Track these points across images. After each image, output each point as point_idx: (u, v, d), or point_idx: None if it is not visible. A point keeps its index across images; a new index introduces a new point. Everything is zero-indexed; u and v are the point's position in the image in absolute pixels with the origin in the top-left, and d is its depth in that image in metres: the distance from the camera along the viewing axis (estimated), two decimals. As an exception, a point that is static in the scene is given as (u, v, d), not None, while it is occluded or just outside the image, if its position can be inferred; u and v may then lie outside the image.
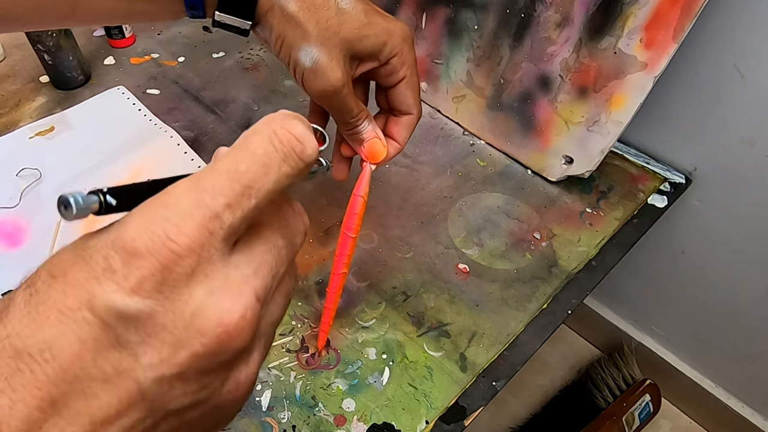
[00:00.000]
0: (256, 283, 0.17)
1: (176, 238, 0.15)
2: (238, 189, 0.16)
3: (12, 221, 0.52)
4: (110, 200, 0.16)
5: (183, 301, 0.15)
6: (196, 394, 0.16)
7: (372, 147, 0.39)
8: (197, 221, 0.15)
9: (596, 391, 0.87)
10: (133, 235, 0.15)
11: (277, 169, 0.17)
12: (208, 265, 0.15)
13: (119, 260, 0.15)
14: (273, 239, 0.18)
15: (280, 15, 0.34)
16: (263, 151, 0.17)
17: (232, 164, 0.16)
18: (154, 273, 0.15)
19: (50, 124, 0.61)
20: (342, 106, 0.36)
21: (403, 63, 0.37)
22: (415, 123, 0.40)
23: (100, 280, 0.15)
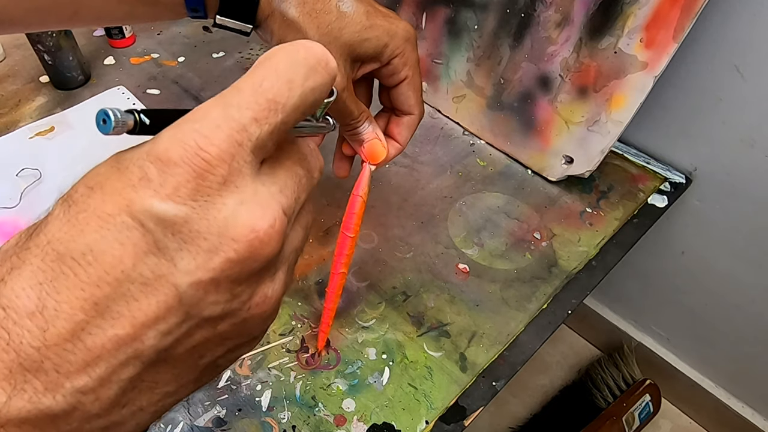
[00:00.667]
0: (282, 199, 0.17)
1: (207, 147, 0.15)
2: (264, 103, 0.16)
3: (12, 221, 0.52)
4: (144, 119, 0.16)
5: (216, 208, 0.15)
6: (228, 303, 0.17)
7: (372, 148, 0.39)
8: (226, 132, 0.16)
9: (596, 391, 0.87)
10: (166, 145, 0.15)
11: (302, 83, 0.17)
12: (238, 176, 0.16)
13: (154, 169, 0.15)
14: (294, 168, 0.19)
15: (280, 20, 0.34)
16: (286, 66, 0.17)
17: (256, 80, 0.17)
18: (189, 180, 0.15)
19: (50, 124, 0.61)
20: (342, 110, 0.36)
21: (405, 63, 0.37)
22: (416, 123, 0.40)
23: (136, 188, 0.15)
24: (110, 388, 0.15)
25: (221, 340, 0.18)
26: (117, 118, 0.15)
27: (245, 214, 0.16)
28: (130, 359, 0.15)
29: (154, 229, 0.15)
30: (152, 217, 0.15)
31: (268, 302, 0.18)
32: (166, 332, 0.16)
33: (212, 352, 0.18)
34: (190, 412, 0.41)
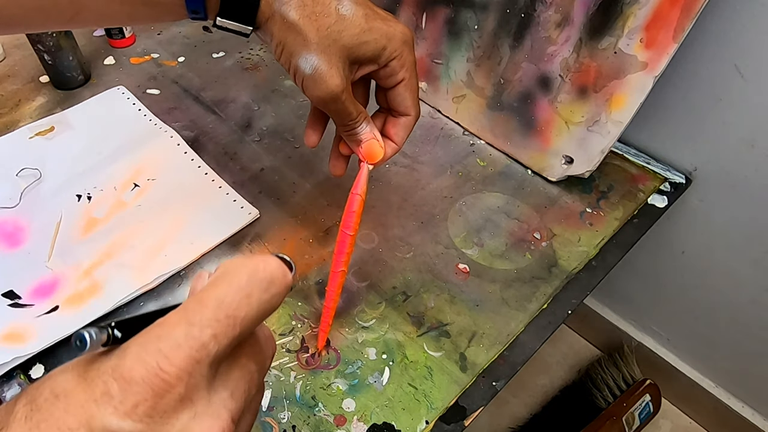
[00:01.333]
0: (232, 405, 0.19)
1: (167, 368, 0.17)
2: (224, 320, 0.18)
3: (12, 221, 0.52)
4: (117, 334, 0.18)
5: (171, 424, 0.17)
6: None
7: (369, 148, 0.39)
8: (185, 352, 0.17)
9: (596, 391, 0.87)
10: (130, 364, 0.17)
11: (259, 297, 0.19)
12: (194, 391, 0.18)
13: (117, 386, 0.16)
14: (248, 366, 0.20)
15: (281, 22, 0.34)
16: (246, 282, 0.19)
17: (219, 296, 0.19)
18: (147, 399, 0.16)
19: (50, 124, 0.61)
20: (341, 111, 0.37)
21: (402, 66, 0.37)
22: (412, 124, 0.41)
23: (98, 403, 0.16)
24: None
25: None
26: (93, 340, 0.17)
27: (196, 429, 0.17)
28: None
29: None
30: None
31: None
32: None
33: None
34: (190, 412, 0.41)
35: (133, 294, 0.46)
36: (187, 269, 0.49)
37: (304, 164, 0.59)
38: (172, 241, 0.50)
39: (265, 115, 0.65)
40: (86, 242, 0.50)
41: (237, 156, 0.60)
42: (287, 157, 0.60)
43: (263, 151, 0.60)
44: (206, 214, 0.53)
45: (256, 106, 0.66)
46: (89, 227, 0.52)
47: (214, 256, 0.50)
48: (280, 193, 0.56)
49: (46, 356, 0.43)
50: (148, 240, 0.50)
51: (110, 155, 0.58)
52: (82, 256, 0.49)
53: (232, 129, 0.63)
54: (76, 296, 0.46)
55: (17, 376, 0.43)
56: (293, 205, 0.55)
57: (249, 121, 0.64)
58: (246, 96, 0.67)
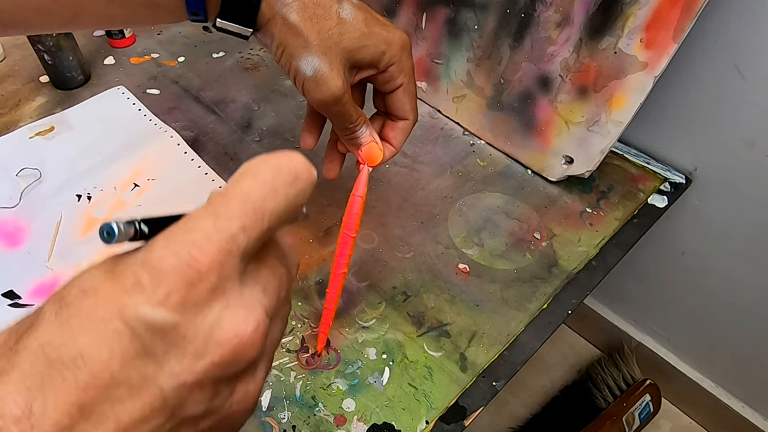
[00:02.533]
0: (264, 300, 0.18)
1: (199, 258, 0.16)
2: (251, 213, 0.17)
3: (12, 221, 0.52)
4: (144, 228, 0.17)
5: (204, 314, 0.16)
6: (210, 402, 0.17)
7: (369, 151, 0.40)
8: (216, 243, 0.16)
9: (596, 391, 0.87)
10: (160, 254, 0.16)
11: (286, 192, 0.18)
12: (226, 281, 0.17)
13: (147, 277, 0.16)
14: (276, 267, 0.20)
15: (281, 24, 0.34)
16: (272, 177, 0.18)
17: (244, 190, 0.18)
18: (180, 288, 0.16)
19: (50, 124, 0.61)
20: (342, 113, 0.37)
21: (401, 71, 0.37)
22: (410, 128, 0.41)
23: (130, 294, 0.16)
24: None
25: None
26: (121, 231, 0.16)
27: (230, 320, 0.17)
28: None
29: (143, 334, 0.16)
30: (143, 323, 0.16)
31: (248, 397, 0.19)
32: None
33: None
34: (190, 412, 0.41)
35: (133, 294, 0.46)
36: (187, 269, 0.49)
37: (304, 164, 0.59)
38: (172, 241, 0.50)
39: (265, 115, 0.65)
40: (86, 242, 0.50)
41: (237, 156, 0.60)
42: (287, 157, 0.60)
43: (263, 151, 0.60)
44: (206, 214, 0.52)
45: (256, 106, 0.66)
46: (89, 227, 0.52)
47: (214, 256, 0.50)
48: (280, 193, 0.56)
49: (46, 356, 0.43)
50: (148, 240, 0.50)
51: (110, 155, 0.58)
52: (82, 256, 0.49)
53: (232, 129, 0.63)
54: (76, 296, 0.46)
55: (17, 376, 0.42)
56: (293, 205, 0.55)
57: (249, 121, 0.64)
58: (246, 96, 0.67)
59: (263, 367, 0.20)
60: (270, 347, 0.20)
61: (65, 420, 0.15)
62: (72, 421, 0.15)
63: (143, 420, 0.16)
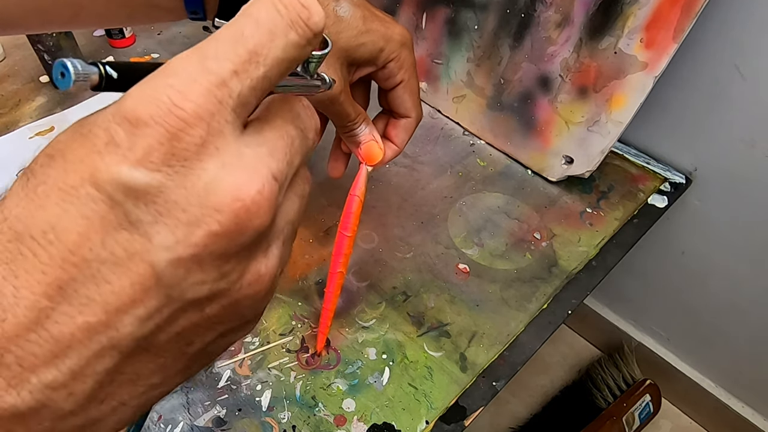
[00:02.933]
0: (271, 163, 0.15)
1: (182, 104, 0.13)
2: (244, 55, 0.15)
3: (12, 221, 0.52)
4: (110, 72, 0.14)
5: (195, 174, 0.14)
6: (215, 283, 0.15)
7: (368, 149, 0.39)
8: (204, 86, 0.14)
9: (596, 391, 0.87)
10: (135, 103, 0.13)
11: (284, 35, 0.15)
12: (218, 137, 0.14)
13: (122, 131, 0.13)
14: (285, 127, 0.17)
15: None
16: (267, 17, 0.15)
17: (235, 30, 0.15)
18: (162, 142, 0.13)
19: (50, 124, 0.61)
20: (339, 112, 0.37)
21: (401, 67, 0.37)
22: (413, 126, 0.41)
23: (102, 154, 0.13)
24: (84, 382, 0.14)
25: (210, 325, 0.16)
26: (77, 71, 0.13)
27: (229, 180, 0.14)
28: (105, 349, 0.14)
29: (123, 200, 0.13)
30: (121, 187, 0.13)
31: (261, 281, 0.16)
32: (145, 317, 0.14)
33: (201, 338, 0.16)
34: (190, 412, 0.41)
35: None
36: (187, 269, 0.49)
37: (304, 164, 0.59)
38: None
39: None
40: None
41: (237, 156, 0.59)
42: (287, 157, 0.60)
43: (263, 151, 0.60)
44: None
45: (256, 106, 0.66)
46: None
47: (214, 256, 0.50)
48: (280, 193, 0.56)
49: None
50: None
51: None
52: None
53: (232, 129, 0.63)
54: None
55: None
56: (293, 205, 0.55)
57: (249, 121, 0.64)
58: (246, 96, 0.67)
59: (277, 247, 0.17)
60: (285, 226, 0.17)
61: (42, 302, 0.13)
62: (51, 302, 0.13)
63: (135, 302, 0.14)
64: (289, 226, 0.17)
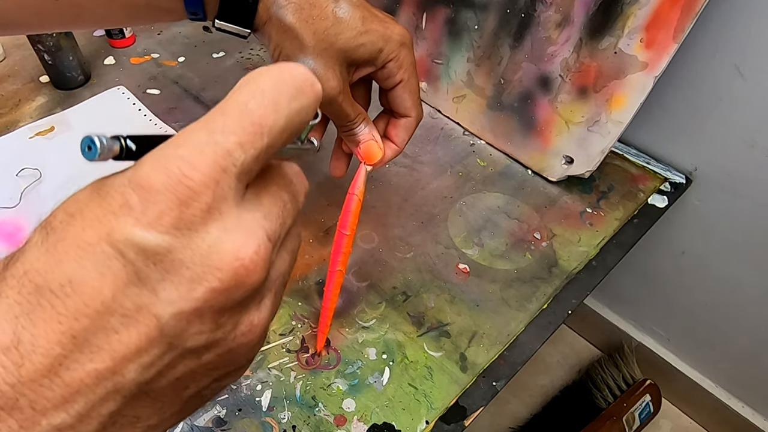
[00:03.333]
0: (266, 225, 0.17)
1: (191, 174, 0.15)
2: (249, 127, 0.16)
3: (12, 221, 0.52)
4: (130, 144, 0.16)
5: (200, 237, 0.15)
6: (212, 333, 0.16)
7: (367, 149, 0.40)
8: (210, 158, 0.15)
9: (596, 391, 0.87)
10: (148, 171, 0.15)
11: (288, 105, 0.17)
12: (222, 202, 0.15)
13: (136, 196, 0.15)
14: (279, 193, 0.18)
15: (278, 26, 0.34)
16: (271, 87, 0.17)
17: (241, 102, 0.16)
18: (172, 208, 0.15)
19: (50, 124, 0.61)
20: (338, 112, 0.37)
21: (400, 67, 0.37)
22: (413, 126, 0.41)
23: (117, 216, 0.15)
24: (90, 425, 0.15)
25: (206, 371, 0.17)
26: (103, 145, 0.15)
27: (229, 242, 0.15)
28: (110, 394, 0.15)
29: (135, 258, 0.15)
30: (133, 247, 0.14)
31: (254, 331, 0.18)
32: (148, 365, 0.15)
33: (197, 383, 0.18)
34: (190, 412, 0.41)
35: (133, 294, 0.46)
36: (187, 269, 0.49)
37: (304, 164, 0.59)
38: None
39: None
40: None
41: (237, 156, 0.59)
42: (287, 157, 0.60)
43: (263, 151, 0.60)
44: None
45: (256, 106, 0.66)
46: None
47: (214, 256, 0.50)
48: (280, 193, 0.56)
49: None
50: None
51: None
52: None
53: (232, 129, 0.63)
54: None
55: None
56: (293, 205, 0.55)
57: (249, 121, 0.64)
58: (246, 96, 0.67)
59: (270, 300, 0.18)
60: (277, 279, 0.19)
61: (56, 349, 0.14)
62: (64, 350, 0.14)
63: (140, 351, 0.15)
64: (280, 278, 0.19)
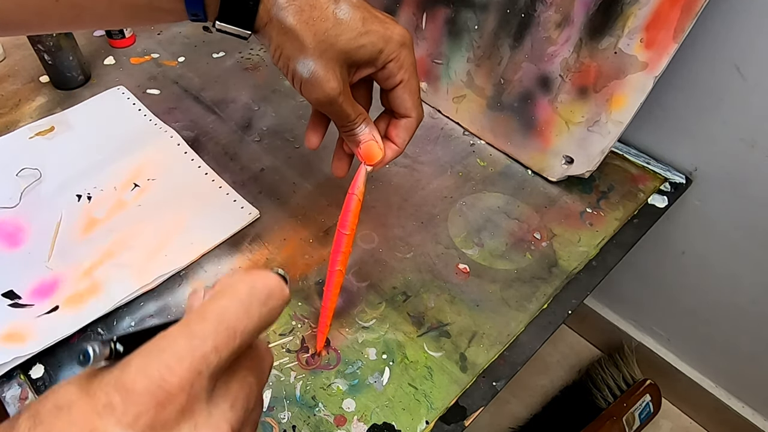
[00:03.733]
0: (231, 417, 0.19)
1: (170, 378, 0.17)
2: (224, 332, 0.19)
3: (12, 221, 0.52)
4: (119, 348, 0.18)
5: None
6: None
7: (368, 149, 0.40)
8: (188, 363, 0.18)
9: (596, 391, 0.87)
10: (133, 376, 0.17)
11: (259, 310, 0.20)
12: (195, 402, 0.18)
13: (119, 398, 0.17)
14: (247, 378, 0.21)
15: (278, 28, 0.34)
16: (246, 295, 0.20)
17: (219, 309, 0.19)
18: (149, 409, 0.17)
19: (50, 124, 0.61)
20: (339, 113, 0.37)
21: (400, 67, 0.37)
22: (414, 126, 0.41)
23: (101, 415, 0.17)
24: None
25: None
26: (96, 354, 0.17)
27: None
28: None
29: None
30: None
31: None
32: None
33: None
34: (190, 412, 0.41)
35: (133, 294, 0.46)
36: (188, 269, 0.49)
37: (305, 164, 0.59)
38: (172, 241, 0.50)
39: (265, 115, 0.65)
40: (86, 242, 0.50)
41: (237, 156, 0.60)
42: (287, 157, 0.60)
43: (263, 151, 0.60)
44: (206, 214, 0.53)
45: (256, 106, 0.66)
46: (89, 227, 0.52)
47: (214, 256, 0.50)
48: (280, 193, 0.56)
49: (46, 356, 0.43)
50: (148, 240, 0.50)
51: (110, 155, 0.58)
52: (82, 256, 0.49)
53: (232, 129, 0.63)
54: (76, 296, 0.46)
55: (17, 376, 0.43)
56: (293, 205, 0.55)
57: (249, 121, 0.64)
58: (246, 96, 0.67)
59: None
60: None
61: None
62: None
63: None
64: None
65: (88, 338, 0.45)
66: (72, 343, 0.44)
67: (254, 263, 0.50)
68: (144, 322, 0.46)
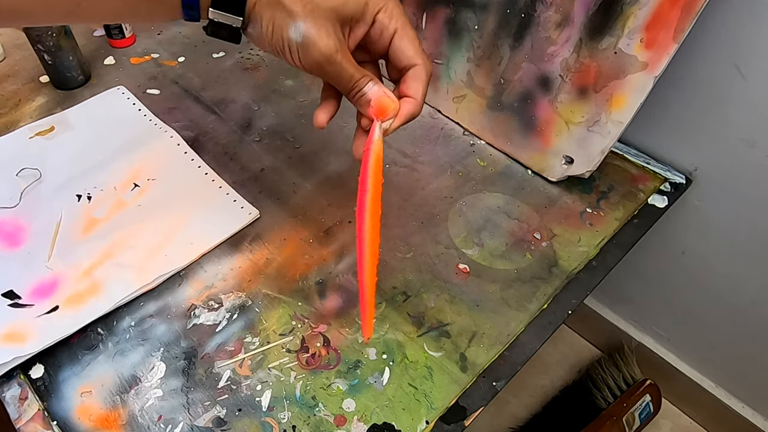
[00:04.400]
0: None
1: None
2: None
3: (12, 221, 0.52)
4: None
5: None
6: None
7: (378, 102, 0.38)
8: None
9: (596, 391, 0.87)
10: None
11: None
12: None
13: None
14: None
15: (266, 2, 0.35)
16: None
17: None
18: None
19: (50, 124, 0.61)
20: (340, 73, 0.36)
21: (390, 16, 0.37)
22: (423, 74, 0.39)
23: None
24: None
25: None
26: None
27: None
28: None
29: None
30: None
31: None
32: None
33: None
34: (190, 412, 0.41)
35: (133, 294, 0.46)
36: (187, 269, 0.49)
37: (305, 164, 0.59)
38: (172, 241, 0.50)
39: (265, 115, 0.65)
40: (86, 242, 0.50)
41: (237, 156, 0.60)
42: (287, 157, 0.60)
43: (263, 151, 0.60)
44: (206, 214, 0.53)
45: (256, 106, 0.66)
46: (89, 227, 0.52)
47: (215, 256, 0.50)
48: (280, 193, 0.56)
49: (46, 356, 0.43)
50: (148, 240, 0.50)
51: (110, 155, 0.58)
52: (82, 256, 0.49)
53: (232, 129, 0.63)
54: (76, 296, 0.46)
55: (17, 376, 0.43)
56: (293, 205, 0.55)
57: (249, 121, 0.64)
58: (246, 96, 0.67)
59: None
60: None
61: None
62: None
63: None
64: None
65: (88, 338, 0.45)
66: (72, 343, 0.44)
67: (254, 263, 0.50)
68: (144, 322, 0.46)
